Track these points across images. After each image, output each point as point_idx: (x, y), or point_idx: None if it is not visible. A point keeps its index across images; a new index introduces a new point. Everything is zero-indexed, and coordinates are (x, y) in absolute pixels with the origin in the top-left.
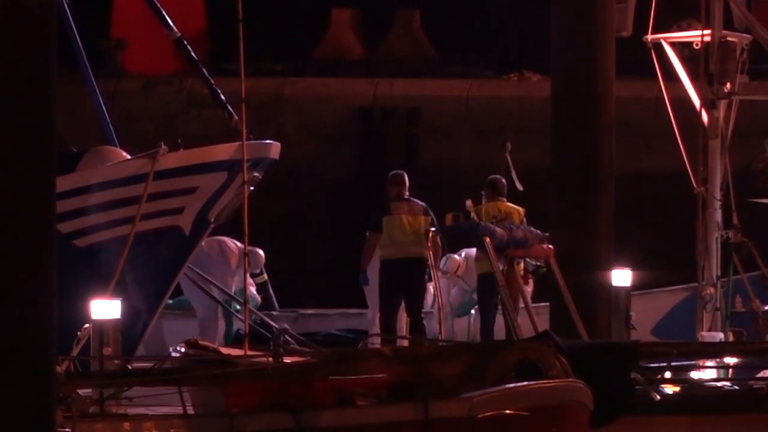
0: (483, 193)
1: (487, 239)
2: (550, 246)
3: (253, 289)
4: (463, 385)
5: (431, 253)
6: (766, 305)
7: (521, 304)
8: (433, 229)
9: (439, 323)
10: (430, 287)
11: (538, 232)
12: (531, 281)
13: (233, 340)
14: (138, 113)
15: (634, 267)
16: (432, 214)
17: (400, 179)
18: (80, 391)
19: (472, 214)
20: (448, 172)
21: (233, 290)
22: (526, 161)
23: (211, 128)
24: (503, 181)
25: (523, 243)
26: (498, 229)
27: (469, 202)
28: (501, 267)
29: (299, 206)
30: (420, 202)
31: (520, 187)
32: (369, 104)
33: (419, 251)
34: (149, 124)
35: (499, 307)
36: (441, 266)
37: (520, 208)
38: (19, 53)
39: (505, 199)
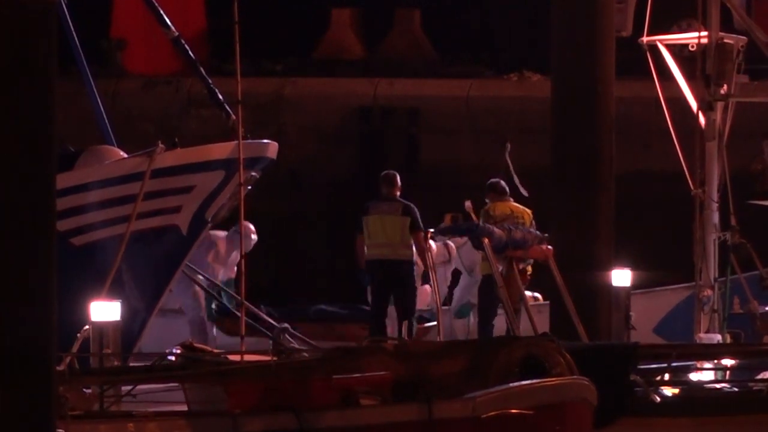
0: (487, 199)
1: (486, 240)
2: (549, 247)
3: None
4: (466, 381)
5: (427, 253)
6: (764, 306)
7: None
8: (431, 230)
9: (438, 323)
10: (427, 287)
11: (537, 232)
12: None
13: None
14: (137, 113)
15: (634, 267)
16: (414, 214)
17: (389, 179)
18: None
19: (473, 215)
20: (448, 172)
21: (222, 278)
22: (526, 161)
23: (211, 128)
24: (503, 182)
25: (522, 244)
26: (497, 230)
27: (468, 203)
28: (500, 268)
29: (299, 206)
30: (403, 202)
31: (525, 192)
32: (369, 104)
33: (394, 252)
34: (149, 124)
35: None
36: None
37: (528, 210)
38: (19, 53)
39: (511, 200)
